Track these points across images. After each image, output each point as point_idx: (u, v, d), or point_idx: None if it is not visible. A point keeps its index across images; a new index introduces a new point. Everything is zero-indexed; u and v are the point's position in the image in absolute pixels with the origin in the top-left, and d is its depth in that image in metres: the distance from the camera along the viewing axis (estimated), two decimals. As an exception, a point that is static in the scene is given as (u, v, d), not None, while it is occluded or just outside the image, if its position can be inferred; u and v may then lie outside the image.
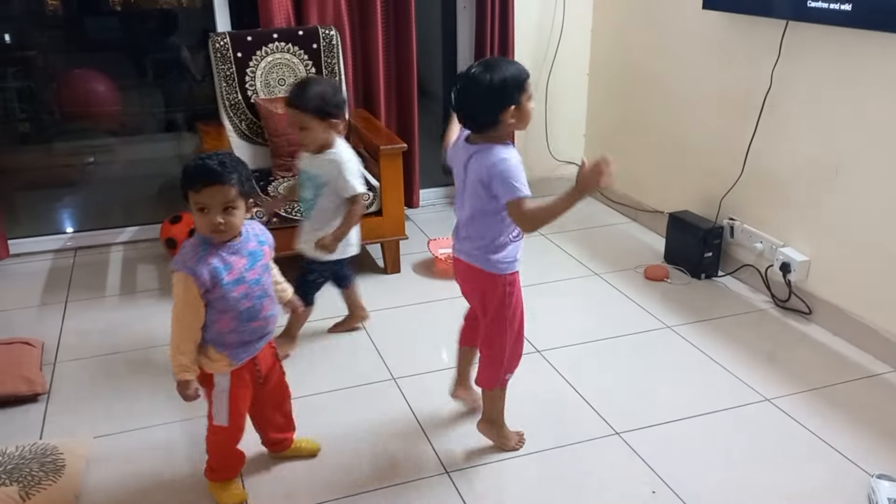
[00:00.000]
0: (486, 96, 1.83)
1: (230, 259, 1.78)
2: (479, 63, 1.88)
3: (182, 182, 1.74)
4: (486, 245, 1.96)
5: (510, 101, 1.84)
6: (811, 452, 2.18)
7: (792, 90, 2.87)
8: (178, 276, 1.75)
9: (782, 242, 3.01)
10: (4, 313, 3.06)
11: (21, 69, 4.28)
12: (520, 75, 1.86)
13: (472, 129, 1.92)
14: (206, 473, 2.02)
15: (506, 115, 1.84)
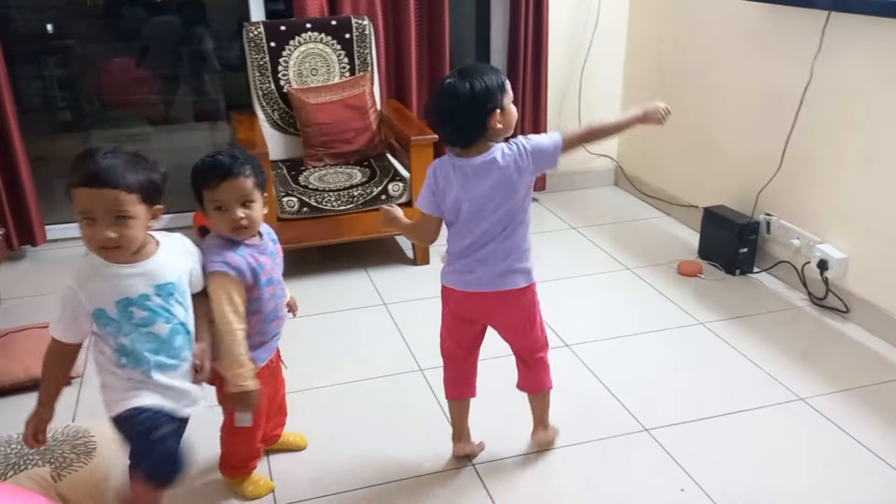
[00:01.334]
0: (470, 103, 1.74)
1: (261, 259, 1.74)
2: (453, 74, 1.79)
3: (194, 182, 1.67)
4: (520, 256, 1.88)
5: (494, 105, 1.76)
6: (846, 453, 2.13)
7: (833, 83, 2.80)
8: (220, 278, 1.66)
9: (820, 239, 2.94)
10: (41, 298, 3.12)
11: (61, 58, 4.35)
12: (499, 77, 1.78)
13: (460, 143, 1.81)
14: (224, 470, 2.00)
15: (493, 121, 1.76)
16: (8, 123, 3.22)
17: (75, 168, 1.48)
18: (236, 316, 1.67)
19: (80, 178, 1.47)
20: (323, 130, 3.35)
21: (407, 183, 3.19)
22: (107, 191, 1.47)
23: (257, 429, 1.93)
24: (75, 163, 1.49)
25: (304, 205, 3.06)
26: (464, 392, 2.09)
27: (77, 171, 1.48)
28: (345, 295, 3.08)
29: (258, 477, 2.02)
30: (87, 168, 1.47)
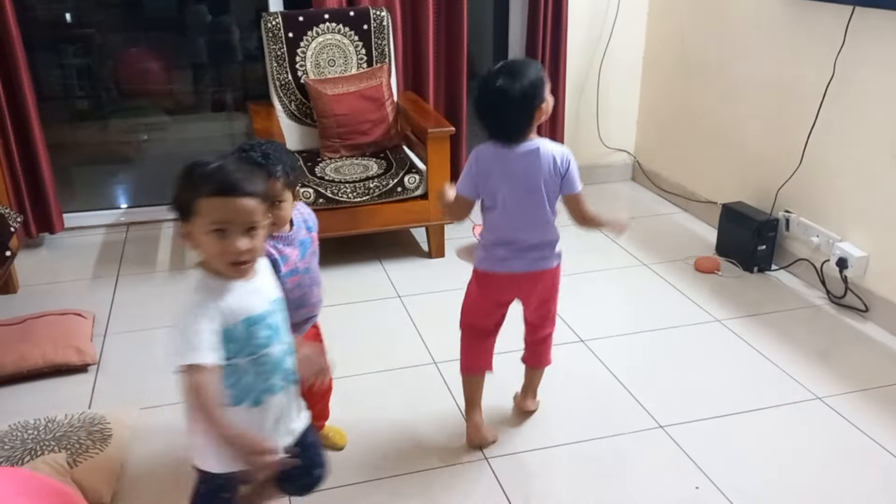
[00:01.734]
0: (523, 103, 1.84)
1: (285, 251, 1.74)
2: (498, 72, 1.84)
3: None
4: (552, 241, 2.01)
5: (541, 101, 1.87)
6: (863, 454, 2.11)
7: (856, 79, 2.76)
8: None
9: (840, 237, 2.90)
10: (58, 285, 3.14)
11: (80, 47, 4.37)
12: (539, 71, 1.88)
13: (510, 139, 1.89)
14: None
15: (538, 114, 1.88)
16: (27, 111, 3.24)
17: (206, 175, 1.36)
18: None
19: (216, 186, 1.35)
20: (339, 122, 3.34)
21: (423, 175, 3.19)
22: (245, 200, 1.35)
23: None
24: (202, 171, 1.37)
25: (319, 196, 3.06)
26: (483, 366, 2.15)
27: (210, 179, 1.35)
28: (359, 287, 3.08)
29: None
30: (224, 175, 1.36)
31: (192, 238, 1.39)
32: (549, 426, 2.24)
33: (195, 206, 1.35)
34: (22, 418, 2.16)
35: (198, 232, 1.37)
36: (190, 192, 1.36)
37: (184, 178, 1.37)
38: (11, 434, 2.07)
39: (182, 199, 1.37)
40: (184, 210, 1.37)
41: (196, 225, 1.36)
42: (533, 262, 1.99)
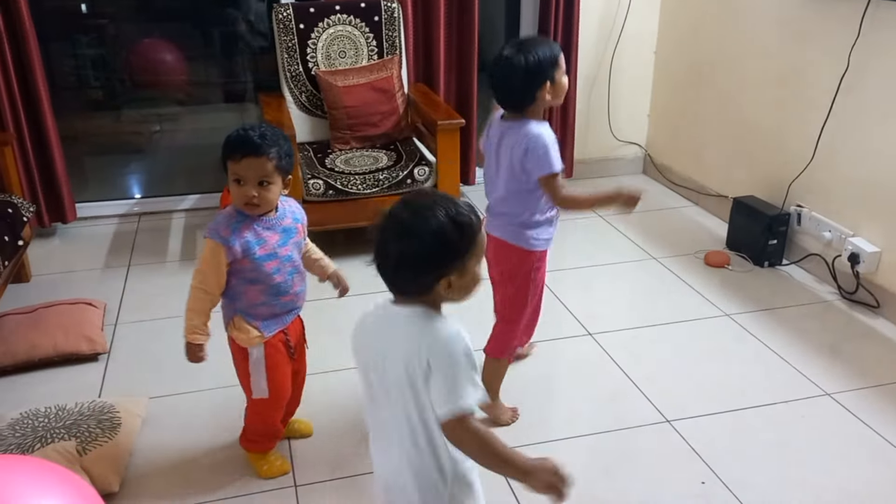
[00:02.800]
0: (524, 75, 1.91)
1: (264, 234, 1.78)
2: (511, 44, 1.95)
3: (223, 151, 1.74)
4: (522, 221, 2.03)
5: (545, 78, 1.93)
6: (872, 451, 2.10)
7: (870, 72, 2.73)
8: (210, 243, 1.76)
9: (852, 232, 2.88)
10: (70, 274, 3.17)
11: (94, 38, 4.39)
12: (553, 51, 1.94)
13: (510, 107, 2.00)
14: (243, 443, 2.03)
15: (542, 92, 1.93)
16: (41, 102, 3.26)
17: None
18: (207, 279, 1.77)
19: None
20: (350, 113, 3.34)
21: (433, 167, 3.18)
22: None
23: (277, 404, 1.95)
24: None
25: (329, 187, 3.06)
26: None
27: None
28: (368, 279, 3.06)
29: (275, 457, 2.03)
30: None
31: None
32: (555, 419, 2.24)
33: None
34: (33, 406, 2.18)
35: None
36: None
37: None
38: (22, 422, 2.09)
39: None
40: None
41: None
42: (497, 227, 2.05)
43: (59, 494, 1.43)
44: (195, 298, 1.79)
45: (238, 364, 1.92)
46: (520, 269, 2.08)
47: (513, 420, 2.20)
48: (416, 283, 1.26)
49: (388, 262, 1.25)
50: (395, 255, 1.23)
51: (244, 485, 1.98)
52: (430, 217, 1.22)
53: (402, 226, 1.23)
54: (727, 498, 1.93)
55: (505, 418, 2.20)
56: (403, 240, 1.22)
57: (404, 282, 1.28)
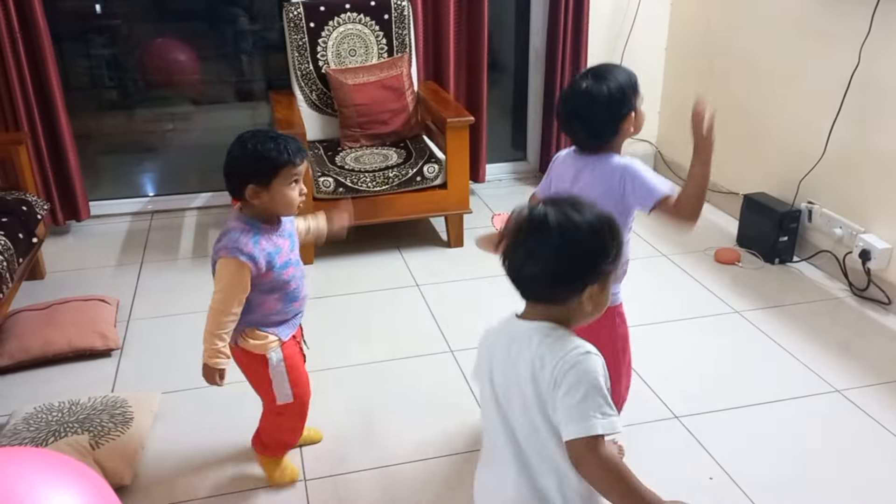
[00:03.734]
0: (608, 108, 1.73)
1: (279, 242, 1.76)
2: (586, 74, 1.77)
3: (274, 159, 1.66)
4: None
5: (629, 109, 1.75)
6: (882, 447, 2.09)
7: (882, 68, 2.72)
8: (231, 262, 1.68)
9: (863, 228, 2.87)
10: (83, 271, 3.20)
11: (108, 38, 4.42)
12: (631, 78, 1.77)
13: (590, 145, 1.81)
14: (257, 446, 1.99)
15: (626, 124, 1.76)
16: (55, 101, 3.30)
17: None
18: (230, 302, 1.71)
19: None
20: (360, 111, 3.36)
21: (442, 165, 3.19)
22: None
23: (302, 408, 1.91)
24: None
25: (339, 185, 3.08)
26: None
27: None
28: (378, 275, 3.10)
29: (287, 464, 2.00)
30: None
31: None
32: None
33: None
34: (46, 401, 2.21)
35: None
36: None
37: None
38: (36, 416, 2.12)
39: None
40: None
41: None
42: None
43: (74, 487, 1.46)
44: (216, 322, 1.72)
45: (253, 374, 1.87)
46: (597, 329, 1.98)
47: None
48: (559, 290, 1.17)
49: (532, 266, 1.15)
50: (548, 256, 1.14)
51: (254, 479, 2.00)
52: (587, 216, 1.15)
53: (559, 225, 1.13)
54: (735, 494, 1.93)
55: None
56: (560, 240, 1.13)
57: (545, 288, 1.17)
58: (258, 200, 1.70)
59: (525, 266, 1.16)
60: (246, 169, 1.69)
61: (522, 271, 1.17)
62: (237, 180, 1.70)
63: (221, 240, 1.72)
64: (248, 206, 1.74)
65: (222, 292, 1.71)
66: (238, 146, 1.71)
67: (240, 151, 1.70)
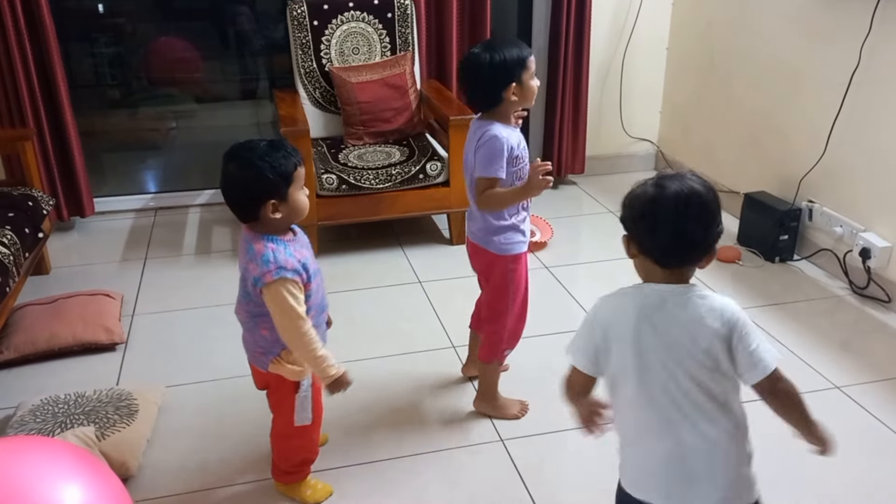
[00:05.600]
0: (489, 75, 1.90)
1: (304, 253, 1.70)
2: (481, 43, 1.95)
3: (286, 166, 1.61)
4: (487, 226, 2.02)
5: (511, 79, 1.90)
6: (881, 444, 2.10)
7: (882, 68, 2.73)
8: (281, 283, 1.60)
9: (863, 227, 2.88)
10: (88, 266, 3.22)
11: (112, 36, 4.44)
12: (521, 52, 1.92)
13: (477, 107, 2.00)
14: (279, 478, 1.93)
15: (508, 93, 1.91)
16: (61, 99, 3.32)
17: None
18: (303, 316, 1.64)
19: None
20: (363, 109, 3.38)
21: (445, 162, 3.21)
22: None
23: (317, 425, 1.87)
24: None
25: (342, 182, 3.10)
26: (480, 326, 2.26)
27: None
28: (381, 272, 3.12)
29: (315, 481, 1.94)
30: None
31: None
32: (564, 409, 2.25)
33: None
34: (53, 393, 2.23)
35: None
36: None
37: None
38: (43, 408, 2.14)
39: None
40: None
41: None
42: (471, 232, 2.09)
43: (83, 476, 1.48)
44: (301, 343, 1.65)
45: (279, 397, 1.80)
46: (492, 271, 2.08)
47: (522, 413, 2.23)
48: (708, 252, 1.31)
49: (690, 237, 1.28)
50: (700, 228, 1.29)
51: (259, 471, 2.02)
52: (708, 186, 1.31)
53: (702, 199, 1.29)
54: (734, 487, 1.94)
55: (513, 411, 2.22)
56: (705, 212, 1.29)
57: (699, 252, 1.31)
58: (278, 214, 1.62)
59: (692, 233, 1.28)
60: (266, 186, 1.59)
61: (685, 239, 1.29)
62: (255, 201, 1.61)
63: (256, 268, 1.61)
64: (261, 224, 1.65)
65: (288, 316, 1.62)
66: (243, 165, 1.60)
67: (252, 172, 1.59)
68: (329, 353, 1.70)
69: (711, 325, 1.27)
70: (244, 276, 1.68)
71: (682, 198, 1.28)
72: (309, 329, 1.65)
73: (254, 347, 1.77)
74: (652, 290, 1.32)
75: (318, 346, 1.68)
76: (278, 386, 1.79)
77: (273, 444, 1.91)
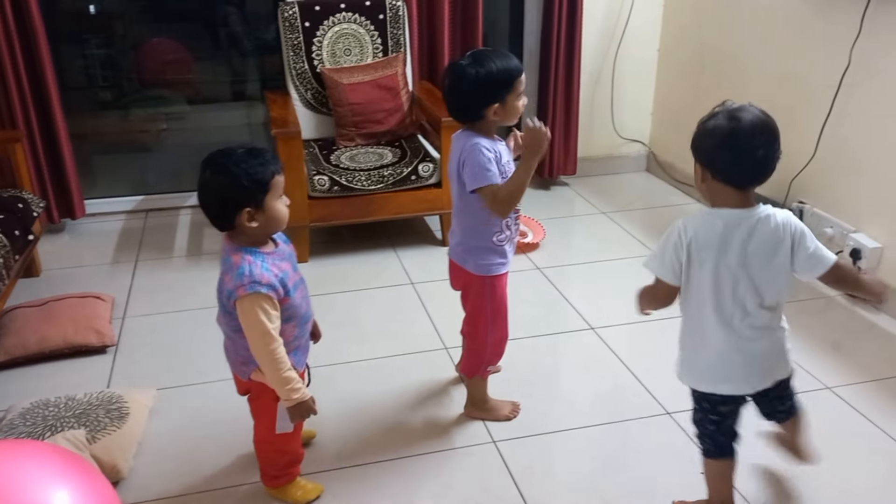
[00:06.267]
0: (472, 90, 1.84)
1: (284, 266, 1.67)
2: (470, 54, 1.87)
3: (262, 174, 1.58)
4: (465, 244, 1.99)
5: (495, 99, 1.84)
6: (871, 445, 2.11)
7: (871, 69, 2.75)
8: (253, 298, 1.58)
9: (854, 228, 2.90)
10: (79, 269, 3.21)
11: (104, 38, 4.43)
12: (509, 71, 1.84)
13: (457, 119, 1.93)
14: (268, 482, 1.92)
15: (489, 111, 1.85)
16: (51, 100, 3.30)
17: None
18: (273, 335, 1.61)
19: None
20: (355, 110, 3.38)
21: (437, 164, 3.21)
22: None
23: (298, 431, 1.85)
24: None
25: (334, 184, 3.10)
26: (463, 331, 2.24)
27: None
28: (373, 273, 3.12)
29: (305, 482, 1.94)
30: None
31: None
32: (557, 411, 2.27)
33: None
34: (43, 396, 2.22)
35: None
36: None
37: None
38: (33, 411, 2.13)
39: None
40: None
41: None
42: (451, 249, 2.05)
43: (73, 479, 1.47)
44: (271, 362, 1.62)
45: (261, 405, 1.79)
46: (470, 290, 2.05)
47: (513, 414, 2.23)
48: (771, 172, 1.57)
49: (765, 161, 1.55)
50: (773, 151, 1.56)
51: (250, 473, 2.01)
52: (768, 114, 1.60)
53: (771, 126, 1.59)
54: (726, 488, 1.95)
55: (505, 412, 2.22)
56: (776, 137, 1.58)
57: (767, 173, 1.57)
58: (255, 223, 1.60)
59: (767, 157, 1.55)
60: (241, 194, 1.57)
61: (763, 163, 1.55)
62: (230, 209, 1.59)
63: (231, 280, 1.60)
64: (238, 235, 1.63)
65: (257, 333, 1.60)
66: (219, 172, 1.58)
67: (225, 176, 1.57)
68: (296, 376, 1.67)
69: (783, 238, 1.56)
70: (220, 287, 1.67)
71: (758, 127, 1.55)
72: (277, 348, 1.62)
73: (235, 357, 1.76)
74: (729, 213, 1.59)
75: (285, 366, 1.64)
76: (260, 393, 1.77)
77: (257, 449, 1.91)
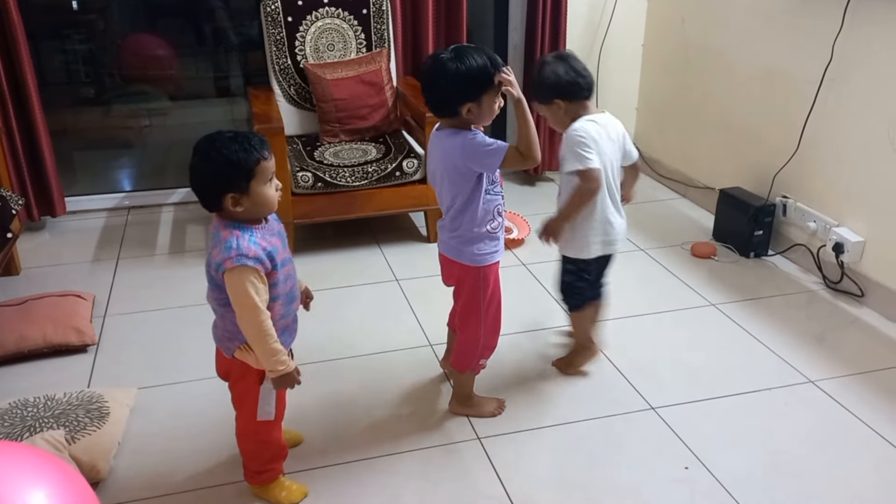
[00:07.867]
0: (449, 86, 1.81)
1: (273, 241, 1.67)
2: (453, 48, 1.83)
3: (245, 160, 1.57)
4: (460, 236, 1.97)
5: (471, 97, 1.82)
6: (855, 437, 2.12)
7: (854, 64, 2.76)
8: (240, 271, 1.58)
9: (837, 222, 2.91)
10: (59, 267, 3.17)
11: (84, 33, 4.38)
12: (488, 71, 1.81)
13: (432, 112, 1.92)
14: (251, 479, 1.90)
15: (463, 109, 1.83)
16: (29, 97, 3.26)
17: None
18: (260, 307, 1.61)
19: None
20: (339, 106, 3.35)
21: (421, 160, 3.20)
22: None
23: (279, 421, 1.84)
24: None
25: (318, 180, 3.07)
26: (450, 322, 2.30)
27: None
28: (357, 270, 3.10)
29: (290, 482, 1.92)
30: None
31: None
32: (541, 407, 2.26)
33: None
34: (22, 396, 2.18)
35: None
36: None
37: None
38: (11, 412, 2.10)
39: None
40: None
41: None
42: (442, 242, 2.04)
43: (49, 481, 1.45)
44: (258, 334, 1.62)
45: (242, 386, 1.78)
46: (463, 283, 2.04)
47: (499, 411, 2.22)
48: None
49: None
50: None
51: (232, 473, 1.99)
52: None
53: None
54: (710, 483, 1.95)
55: (490, 409, 2.21)
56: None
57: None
58: (240, 208, 1.60)
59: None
60: (220, 179, 1.58)
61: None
62: (213, 193, 1.60)
63: (219, 253, 1.60)
64: (228, 214, 1.64)
65: (245, 306, 1.60)
66: (202, 158, 1.59)
67: (207, 163, 1.58)
68: (282, 349, 1.67)
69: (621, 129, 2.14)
70: (208, 261, 1.66)
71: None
72: (264, 320, 1.62)
73: (222, 333, 1.75)
74: (598, 115, 2.12)
75: (271, 338, 1.64)
76: (242, 375, 1.76)
77: (239, 443, 1.89)
